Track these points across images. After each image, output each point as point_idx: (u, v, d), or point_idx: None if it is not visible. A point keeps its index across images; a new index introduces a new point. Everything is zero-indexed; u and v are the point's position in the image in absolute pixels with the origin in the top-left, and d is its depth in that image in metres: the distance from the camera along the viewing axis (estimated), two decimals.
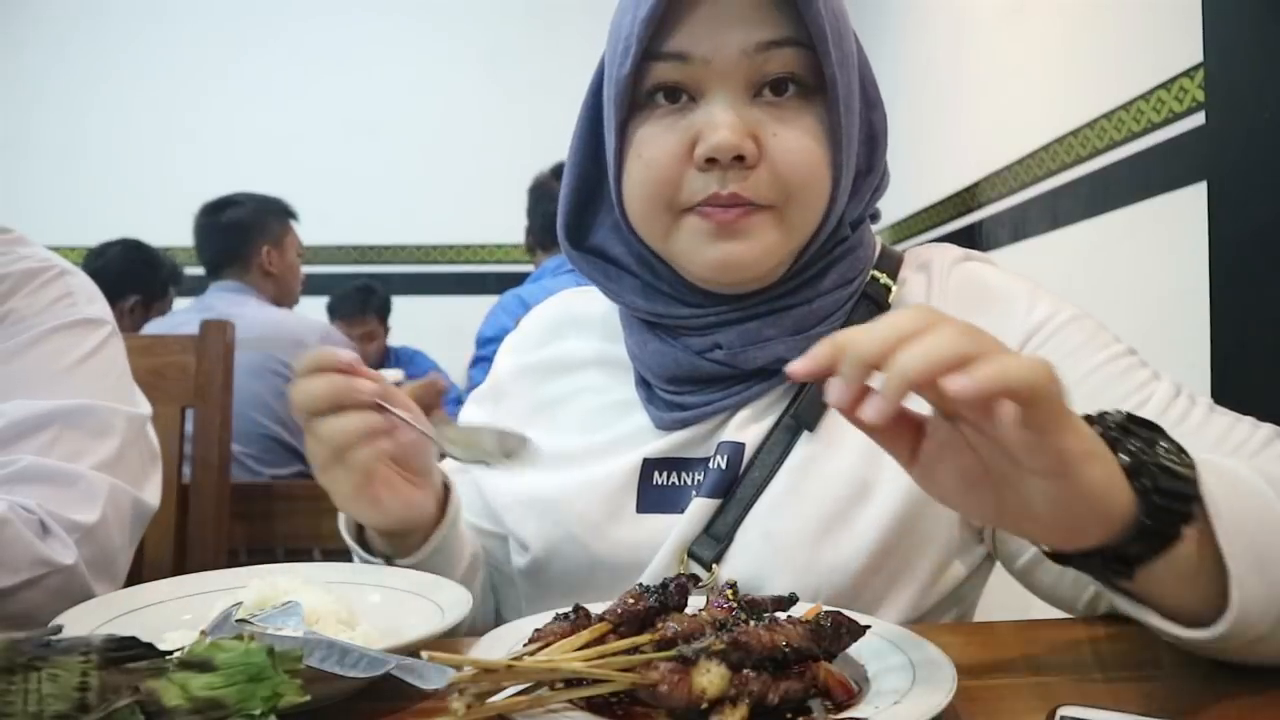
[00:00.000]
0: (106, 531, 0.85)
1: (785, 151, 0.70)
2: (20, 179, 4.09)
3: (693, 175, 0.71)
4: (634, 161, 0.73)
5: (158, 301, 2.74)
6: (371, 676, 0.50)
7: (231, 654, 0.43)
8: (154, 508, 0.95)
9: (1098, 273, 1.98)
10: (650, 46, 0.70)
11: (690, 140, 0.70)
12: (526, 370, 0.90)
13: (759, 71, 0.70)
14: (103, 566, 0.84)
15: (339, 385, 0.66)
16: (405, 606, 0.65)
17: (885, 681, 0.52)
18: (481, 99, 4.20)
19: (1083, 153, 2.04)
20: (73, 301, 0.95)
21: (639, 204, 0.74)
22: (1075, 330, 0.75)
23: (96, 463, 0.87)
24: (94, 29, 4.22)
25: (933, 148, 3.07)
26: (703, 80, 0.70)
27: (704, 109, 0.70)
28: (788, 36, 0.69)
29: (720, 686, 0.46)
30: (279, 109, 4.21)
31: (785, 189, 0.70)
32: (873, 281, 0.79)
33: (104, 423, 0.90)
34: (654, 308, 0.78)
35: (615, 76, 0.72)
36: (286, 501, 1.41)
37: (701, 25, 0.69)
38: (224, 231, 2.50)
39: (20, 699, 0.40)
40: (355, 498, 0.69)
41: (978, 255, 0.82)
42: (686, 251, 0.73)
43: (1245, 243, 1.46)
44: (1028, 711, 0.52)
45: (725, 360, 0.75)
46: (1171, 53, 1.67)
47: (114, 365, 0.96)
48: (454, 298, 4.17)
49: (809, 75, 0.70)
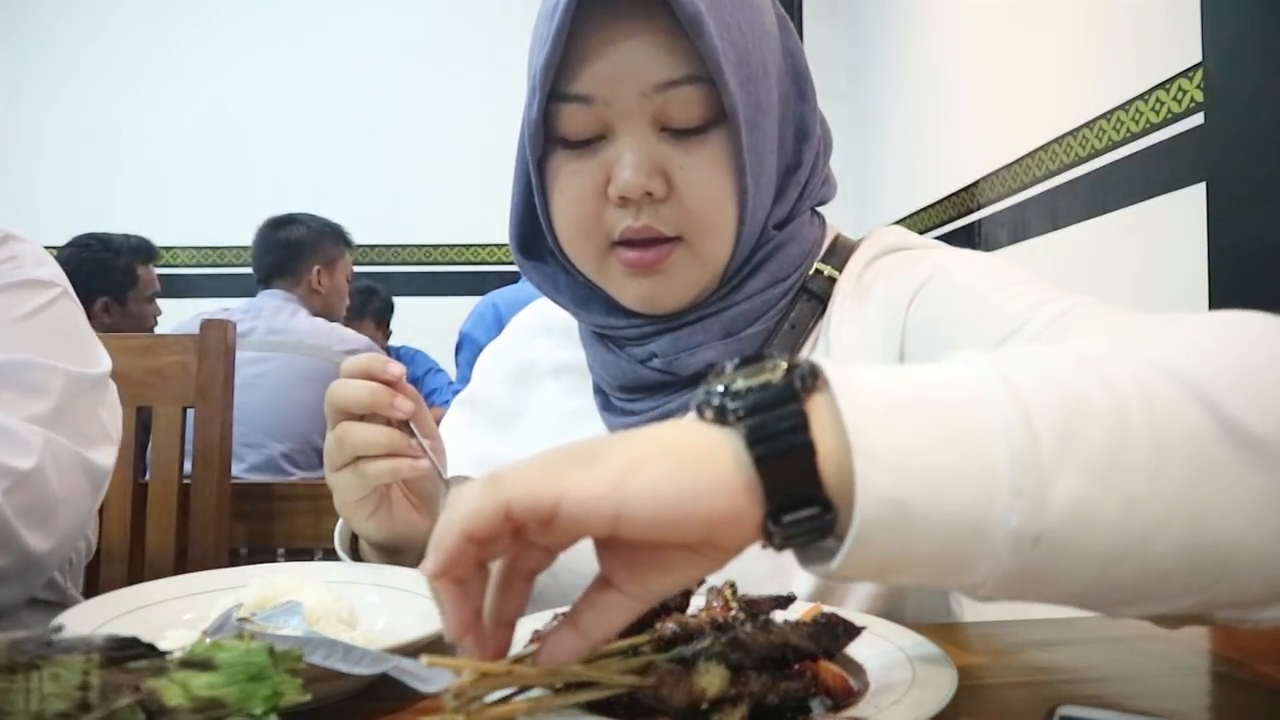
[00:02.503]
0: (43, 479, 0.81)
1: (691, 185, 0.71)
2: (20, 179, 4.09)
3: (611, 210, 0.72)
4: (557, 197, 0.75)
5: (131, 290, 2.55)
6: (374, 675, 0.51)
7: (232, 653, 0.44)
8: (106, 469, 0.91)
9: (1098, 273, 1.98)
10: (555, 88, 0.71)
11: (605, 177, 0.71)
12: (501, 378, 0.92)
13: (662, 112, 0.70)
14: (39, 517, 0.81)
15: (379, 394, 0.68)
16: (405, 606, 0.65)
17: (885, 681, 0.52)
18: (482, 99, 4.19)
19: (1083, 153, 2.04)
20: (18, 264, 0.93)
21: (568, 240, 0.76)
22: (960, 273, 0.72)
23: (29, 416, 0.83)
24: (94, 29, 4.22)
25: (933, 148, 3.07)
26: (608, 120, 0.71)
27: (614, 147, 0.71)
28: (686, 75, 0.69)
29: (720, 687, 0.46)
30: (280, 109, 4.21)
31: (692, 221, 0.72)
32: (816, 275, 0.79)
33: (40, 380, 0.86)
34: (594, 318, 0.80)
35: (526, 119, 0.74)
36: (287, 501, 1.41)
37: (600, 68, 0.69)
38: (280, 247, 2.56)
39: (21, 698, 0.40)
40: (356, 505, 0.71)
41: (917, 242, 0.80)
42: (614, 286, 0.75)
43: (1245, 243, 1.46)
44: (1028, 711, 0.52)
45: (663, 368, 0.76)
46: (1171, 53, 1.68)
47: (62, 324, 0.93)
48: (454, 298, 4.17)
49: (713, 110, 0.70)
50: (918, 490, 0.38)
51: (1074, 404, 0.39)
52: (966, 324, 0.68)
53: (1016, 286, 0.68)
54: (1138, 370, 0.42)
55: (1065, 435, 0.39)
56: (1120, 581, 0.41)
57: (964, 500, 0.38)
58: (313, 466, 2.37)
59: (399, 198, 4.23)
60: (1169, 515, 0.39)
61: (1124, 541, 0.39)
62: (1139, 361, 0.42)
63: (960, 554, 0.39)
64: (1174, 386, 0.41)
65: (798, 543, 0.40)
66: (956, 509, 0.38)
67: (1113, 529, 0.39)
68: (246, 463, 2.25)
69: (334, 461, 0.69)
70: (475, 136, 4.14)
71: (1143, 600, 0.42)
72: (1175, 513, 0.39)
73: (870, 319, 0.75)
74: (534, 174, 0.76)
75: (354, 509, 0.71)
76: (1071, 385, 0.40)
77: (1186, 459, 0.40)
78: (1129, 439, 0.39)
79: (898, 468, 0.38)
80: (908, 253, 0.79)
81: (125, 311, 2.55)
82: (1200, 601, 0.43)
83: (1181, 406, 0.40)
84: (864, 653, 0.55)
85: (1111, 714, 0.47)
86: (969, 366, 0.41)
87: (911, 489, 0.38)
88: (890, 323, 0.74)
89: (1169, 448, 0.40)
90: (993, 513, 0.38)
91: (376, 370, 0.69)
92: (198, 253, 4.26)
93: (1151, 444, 0.39)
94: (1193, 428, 0.40)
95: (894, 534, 0.38)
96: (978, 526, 0.38)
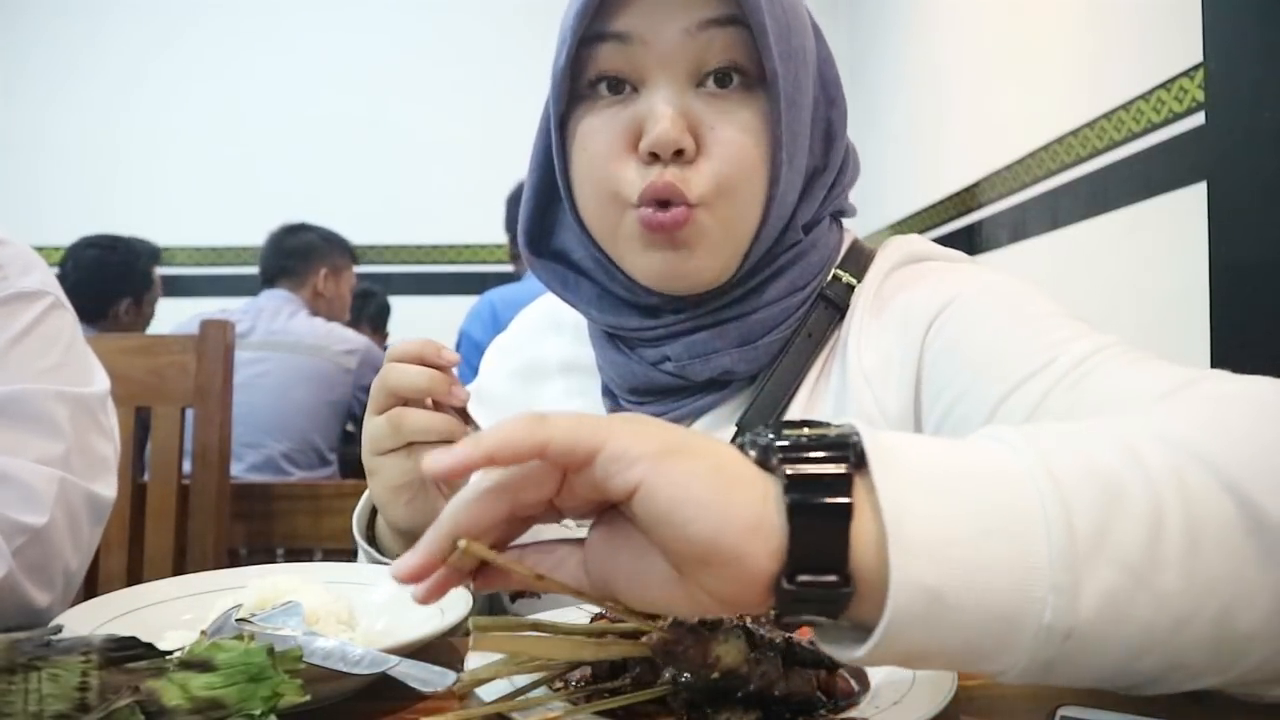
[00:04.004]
0: (54, 534, 0.76)
1: (720, 146, 0.69)
2: (19, 179, 4.09)
3: (635, 168, 0.70)
4: (579, 155, 0.73)
5: (147, 292, 2.63)
6: (374, 674, 0.51)
7: (231, 654, 0.44)
8: (110, 501, 0.85)
9: (1098, 273, 1.98)
10: (591, 29, 0.69)
11: (633, 131, 0.69)
12: (508, 374, 0.90)
13: (701, 58, 0.68)
14: (48, 577, 0.76)
15: (437, 380, 0.67)
16: (405, 606, 0.65)
17: (885, 681, 0.52)
18: (482, 98, 4.20)
19: (1083, 153, 2.04)
20: (4, 275, 0.84)
21: (588, 199, 0.73)
22: (982, 300, 0.71)
23: (39, 457, 0.78)
24: (94, 29, 4.22)
25: (933, 148, 3.07)
26: (644, 66, 0.69)
27: (645, 99, 0.69)
28: (729, 15, 0.68)
29: (736, 658, 0.46)
30: (280, 108, 4.21)
31: (719, 185, 0.69)
32: (834, 281, 0.77)
33: (45, 411, 0.80)
34: (606, 318, 0.78)
35: (555, 66, 0.71)
36: (286, 501, 1.41)
37: (641, 5, 0.68)
38: (290, 251, 2.62)
39: (20, 699, 0.40)
40: (397, 490, 0.69)
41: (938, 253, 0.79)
42: (630, 257, 0.73)
43: (1245, 243, 1.46)
44: (1028, 711, 0.52)
45: (675, 371, 0.75)
46: (1171, 53, 1.68)
47: (55, 342, 0.85)
48: (454, 298, 4.17)
49: (752, 66, 0.69)
50: (954, 581, 0.37)
51: (1113, 498, 0.39)
52: (987, 359, 0.67)
53: (1040, 320, 0.67)
54: (1174, 459, 0.41)
55: (1103, 530, 0.38)
56: (1142, 670, 0.41)
57: (1000, 593, 0.37)
58: (312, 466, 2.38)
59: (397, 198, 4.23)
60: (1196, 610, 0.39)
61: (1152, 636, 0.39)
62: (1175, 448, 0.42)
63: (989, 645, 0.38)
64: (1207, 476, 0.41)
65: (801, 609, 0.39)
66: (991, 602, 0.37)
67: (1142, 624, 0.39)
68: (245, 462, 2.26)
69: (383, 445, 0.67)
70: (474, 136, 4.14)
71: (1159, 684, 0.43)
72: (1201, 607, 0.39)
73: (888, 336, 0.73)
74: (555, 133, 0.73)
75: (395, 494, 0.69)
76: (1111, 478, 0.40)
77: (1216, 554, 0.40)
78: (1164, 535, 0.39)
79: (935, 558, 0.37)
80: (929, 265, 0.77)
81: (140, 313, 2.61)
82: (1213, 683, 0.43)
83: (1214, 499, 0.40)
84: None
85: (1111, 714, 0.47)
86: (1012, 451, 0.41)
87: (947, 580, 0.37)
88: (908, 345, 0.72)
89: (1201, 544, 0.40)
90: (1028, 608, 0.38)
91: (430, 356, 0.67)
92: (197, 253, 4.26)
93: (1185, 541, 0.39)
94: (1223, 521, 0.40)
95: (925, 624, 0.37)
96: (1011, 620, 0.38)
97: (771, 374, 0.75)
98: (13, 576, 0.72)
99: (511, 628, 0.47)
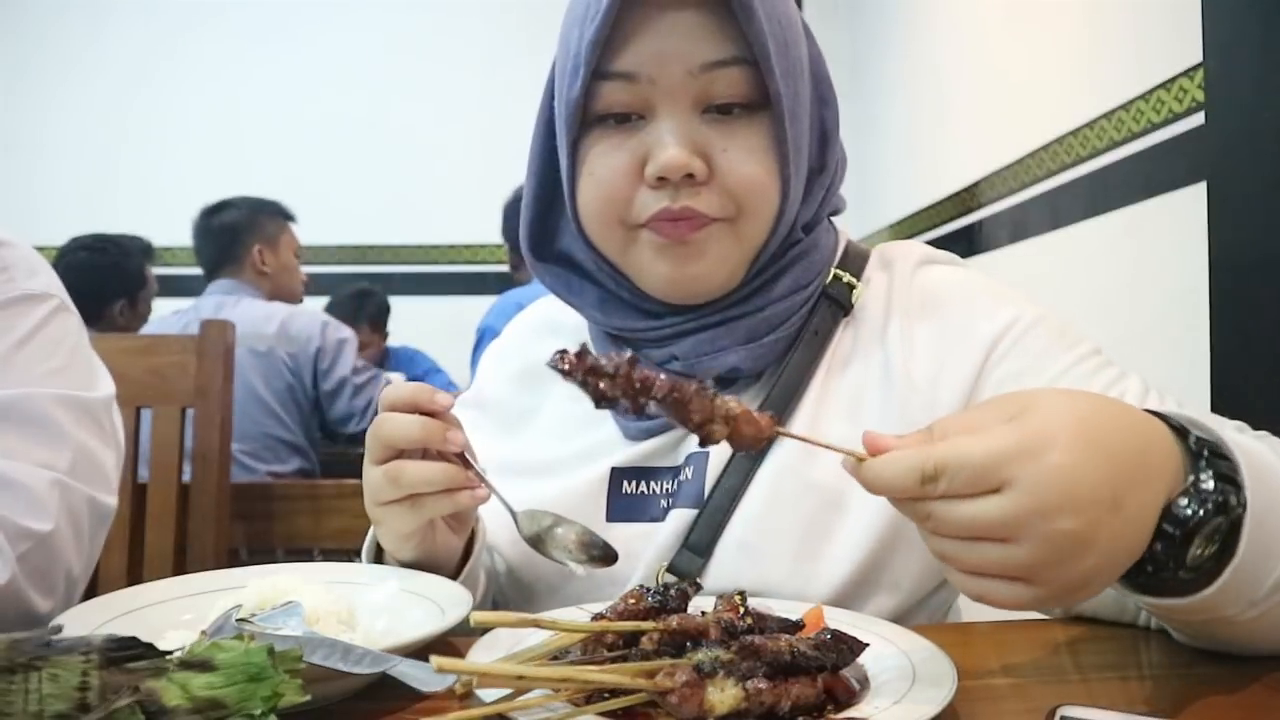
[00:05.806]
0: (58, 540, 0.75)
1: (734, 166, 0.70)
2: (19, 179, 4.09)
3: (644, 192, 0.71)
4: (586, 179, 0.74)
5: (142, 291, 2.58)
6: (374, 674, 0.51)
7: (232, 654, 0.44)
8: (112, 507, 0.84)
9: (1098, 273, 1.97)
10: (598, 66, 0.70)
11: (640, 158, 0.71)
12: (508, 378, 0.91)
13: (705, 92, 0.70)
14: (50, 583, 0.75)
15: (431, 430, 0.66)
16: (405, 606, 0.65)
17: (885, 681, 0.52)
18: (482, 98, 4.19)
19: (1083, 153, 2.04)
20: (10, 277, 0.83)
21: (593, 221, 0.75)
22: (1041, 332, 0.74)
23: (42, 461, 0.77)
24: (94, 29, 4.22)
25: (933, 148, 3.07)
26: (650, 99, 0.70)
27: (653, 128, 0.71)
28: (732, 56, 0.69)
29: (730, 706, 0.47)
30: (280, 109, 4.21)
31: (736, 204, 0.71)
32: (835, 281, 0.79)
33: (49, 416, 0.79)
34: (611, 321, 0.78)
35: (565, 98, 0.72)
36: (286, 501, 1.41)
37: (647, 45, 0.69)
38: (218, 234, 2.52)
39: (21, 699, 0.40)
40: (405, 537, 0.69)
41: (942, 257, 0.82)
42: (642, 266, 0.74)
43: (1245, 243, 1.46)
44: (1028, 711, 0.52)
45: (683, 371, 0.75)
46: (1171, 53, 1.67)
47: (60, 345, 0.84)
48: (454, 298, 4.17)
49: (755, 93, 0.70)
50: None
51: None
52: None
53: (1087, 362, 0.73)
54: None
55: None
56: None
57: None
58: (282, 459, 2.32)
59: (397, 198, 4.22)
60: None
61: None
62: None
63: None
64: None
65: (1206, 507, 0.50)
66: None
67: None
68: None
69: (384, 497, 0.67)
70: (474, 136, 4.14)
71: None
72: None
73: (943, 345, 0.75)
74: (565, 157, 0.74)
75: (402, 541, 0.69)
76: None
77: None
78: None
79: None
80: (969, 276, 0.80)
81: (135, 313, 2.57)
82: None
83: None
84: (864, 653, 0.55)
85: (1111, 714, 0.47)
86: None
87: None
88: (965, 363, 0.74)
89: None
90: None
91: (424, 402, 0.66)
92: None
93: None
94: None
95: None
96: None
97: (781, 372, 0.76)
98: (15, 582, 0.72)
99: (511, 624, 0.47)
